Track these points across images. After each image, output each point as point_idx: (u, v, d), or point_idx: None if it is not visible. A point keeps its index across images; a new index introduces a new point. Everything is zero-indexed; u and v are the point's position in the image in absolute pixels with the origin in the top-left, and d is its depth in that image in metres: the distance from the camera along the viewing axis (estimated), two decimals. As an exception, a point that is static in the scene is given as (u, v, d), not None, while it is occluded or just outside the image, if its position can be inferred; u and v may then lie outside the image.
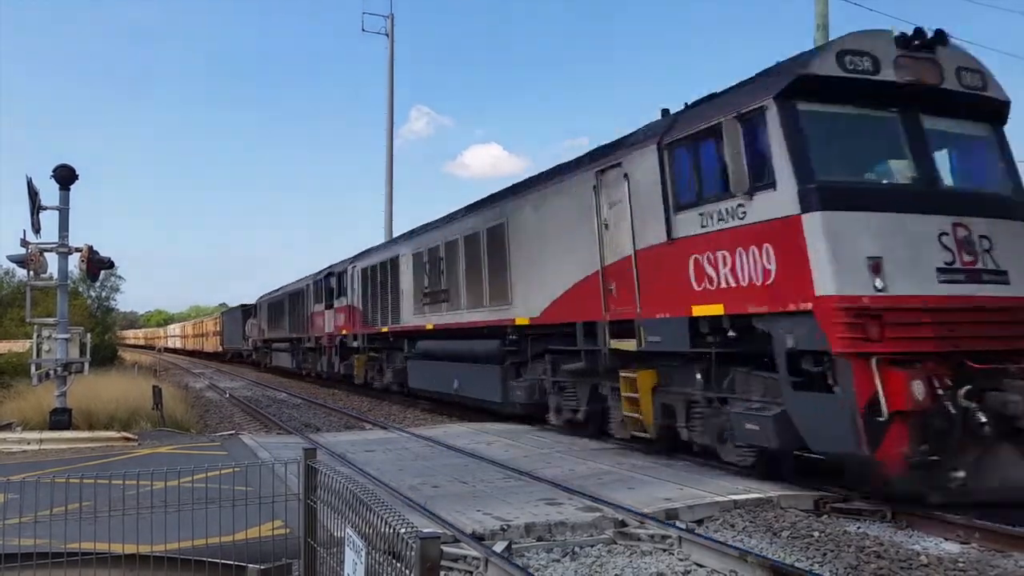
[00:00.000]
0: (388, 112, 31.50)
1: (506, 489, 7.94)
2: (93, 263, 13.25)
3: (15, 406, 14.26)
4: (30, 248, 12.43)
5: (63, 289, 13.27)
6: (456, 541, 5.98)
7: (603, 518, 6.66)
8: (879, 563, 5.68)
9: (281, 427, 15.65)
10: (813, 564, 5.76)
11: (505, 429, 13.00)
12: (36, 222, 12.57)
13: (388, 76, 31.40)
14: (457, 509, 6.97)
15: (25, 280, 14.62)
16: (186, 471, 5.35)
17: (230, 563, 4.92)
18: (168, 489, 5.07)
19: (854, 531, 6.56)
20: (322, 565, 3.91)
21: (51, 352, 12.96)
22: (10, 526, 4.62)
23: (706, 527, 6.72)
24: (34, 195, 12.47)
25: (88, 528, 4.37)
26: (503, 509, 6.98)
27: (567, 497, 7.47)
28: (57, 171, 12.73)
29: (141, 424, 13.91)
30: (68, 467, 9.14)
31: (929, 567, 5.63)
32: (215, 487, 5.34)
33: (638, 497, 7.33)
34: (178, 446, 11.55)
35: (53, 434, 11.92)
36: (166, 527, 4.51)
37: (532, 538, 6.33)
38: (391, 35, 31.48)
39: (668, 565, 5.78)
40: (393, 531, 2.72)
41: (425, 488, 8.03)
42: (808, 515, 6.99)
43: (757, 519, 6.84)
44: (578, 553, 6.08)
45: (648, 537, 6.27)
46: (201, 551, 4.98)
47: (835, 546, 6.10)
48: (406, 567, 2.63)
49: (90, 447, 11.48)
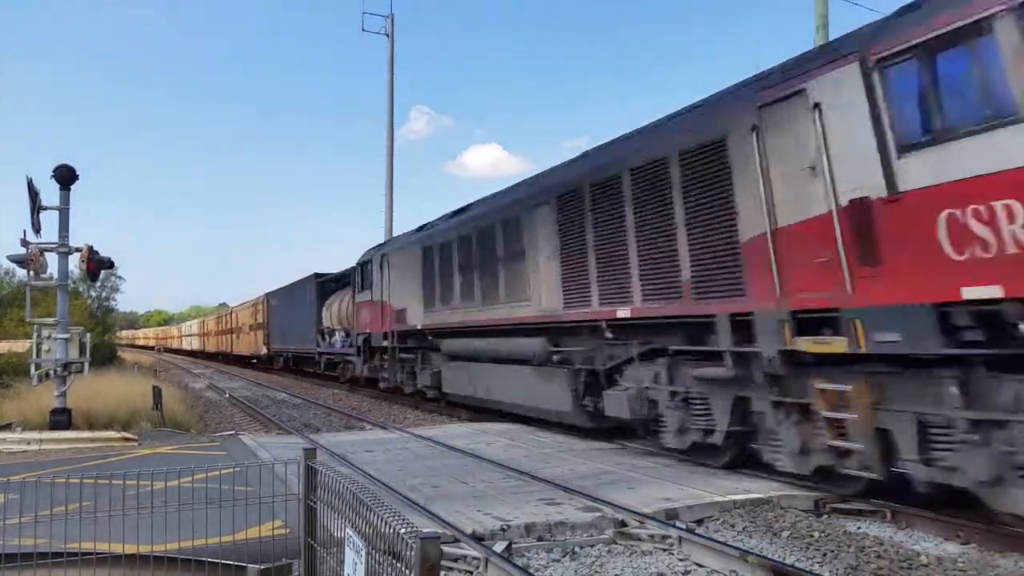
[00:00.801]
0: (388, 112, 31.49)
1: (506, 489, 7.94)
2: (93, 263, 13.26)
3: (15, 406, 14.26)
4: (30, 248, 12.44)
5: (63, 289, 13.27)
6: (456, 541, 5.98)
7: (603, 518, 6.66)
8: (879, 563, 5.68)
9: (281, 427, 15.65)
10: (813, 564, 5.76)
11: (505, 429, 13.00)
12: (36, 222, 12.58)
13: (388, 76, 31.41)
14: (457, 509, 6.97)
15: (25, 280, 14.61)
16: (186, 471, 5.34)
17: (230, 563, 4.93)
18: (168, 489, 5.07)
19: (854, 531, 6.56)
20: (322, 565, 3.91)
21: (51, 352, 12.97)
22: (10, 526, 4.61)
23: (706, 527, 6.72)
24: (34, 195, 12.48)
25: (88, 528, 4.37)
26: (503, 509, 6.98)
27: (567, 497, 7.47)
28: (57, 171, 12.74)
29: (141, 424, 13.91)
30: (68, 467, 9.14)
31: (929, 567, 5.63)
32: (215, 487, 5.34)
33: (638, 497, 7.33)
34: (178, 446, 11.55)
35: (53, 434, 11.93)
36: (166, 527, 4.51)
37: (532, 538, 6.33)
38: (391, 35, 31.49)
39: (668, 565, 5.78)
40: (393, 531, 2.72)
41: (425, 488, 8.03)
42: (808, 515, 6.99)
43: (757, 519, 6.84)
44: (578, 553, 6.08)
45: (648, 537, 6.27)
46: (201, 551, 4.98)
47: (835, 546, 6.10)
48: (406, 567, 2.63)
49: (90, 447, 11.48)
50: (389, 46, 31.45)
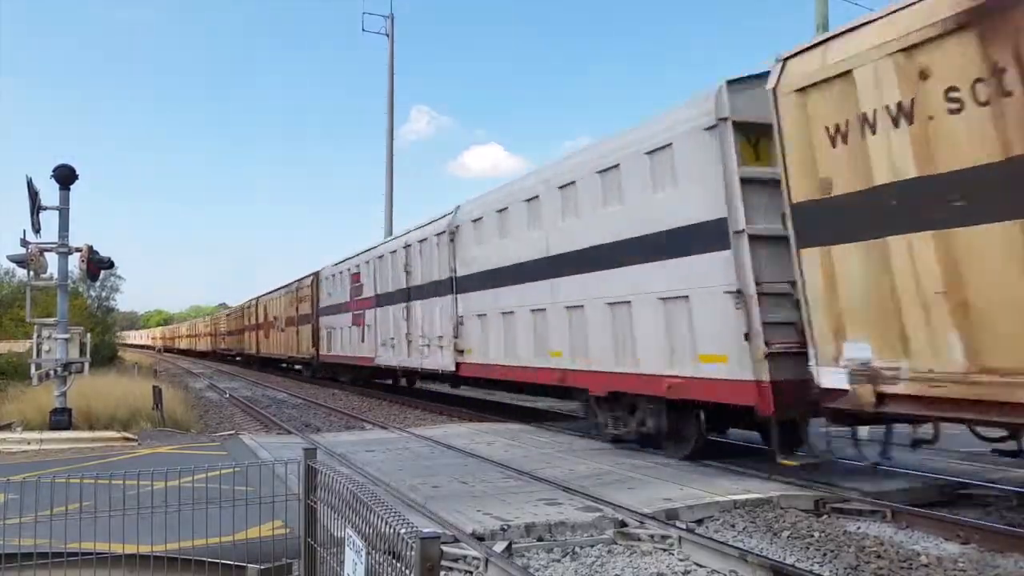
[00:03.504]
0: (388, 112, 31.57)
1: (506, 489, 7.94)
2: (93, 263, 13.26)
3: (15, 406, 14.27)
4: (30, 248, 12.44)
5: (63, 289, 13.27)
6: (456, 541, 5.98)
7: (603, 518, 6.66)
8: (879, 563, 5.68)
9: (281, 427, 15.64)
10: (813, 564, 5.76)
11: (505, 429, 13.01)
12: (36, 222, 12.57)
13: (388, 76, 31.46)
14: (457, 509, 6.97)
15: (25, 280, 14.62)
16: (186, 471, 5.34)
17: (230, 563, 4.93)
18: (168, 489, 5.07)
19: (854, 531, 6.56)
20: (322, 565, 3.91)
21: (51, 352, 12.97)
22: (10, 526, 4.61)
23: (706, 527, 6.72)
24: (34, 195, 12.47)
25: (88, 528, 4.37)
26: (503, 509, 6.98)
27: (567, 497, 7.47)
28: (57, 171, 12.74)
29: (141, 424, 13.91)
30: (68, 467, 9.14)
31: (929, 567, 5.63)
32: (215, 487, 5.35)
33: (638, 497, 7.33)
34: (178, 446, 11.55)
35: (53, 434, 11.93)
36: (166, 527, 4.50)
37: (532, 538, 6.33)
38: (391, 35, 31.56)
39: (668, 565, 5.78)
40: (393, 531, 2.72)
41: (425, 488, 8.03)
42: (808, 515, 6.99)
43: (757, 519, 6.84)
44: (578, 553, 6.08)
45: (648, 537, 6.27)
46: (201, 551, 4.98)
47: (835, 546, 6.10)
48: (406, 567, 2.62)
49: (90, 447, 11.48)
50: (389, 46, 31.53)
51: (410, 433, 12.84)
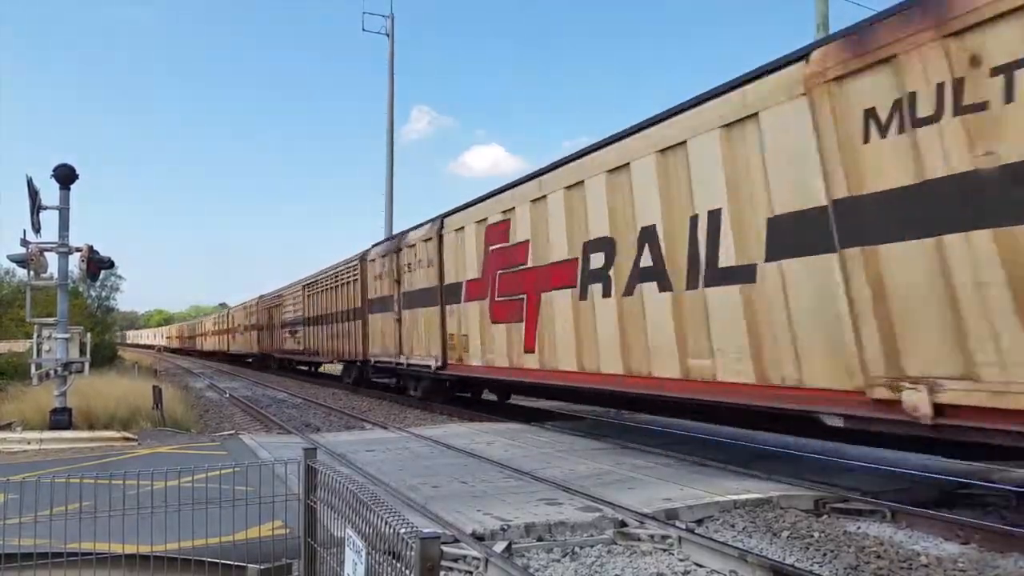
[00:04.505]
0: (388, 112, 31.52)
1: (506, 489, 7.94)
2: (93, 263, 13.25)
3: (15, 406, 14.26)
4: (30, 248, 12.43)
5: (63, 289, 13.26)
6: (456, 541, 5.98)
7: (603, 518, 6.66)
8: (879, 563, 5.68)
9: (281, 427, 15.63)
10: (813, 564, 5.76)
11: (505, 429, 13.00)
12: (36, 222, 12.56)
13: (389, 76, 31.44)
14: (457, 509, 6.97)
15: (25, 280, 14.62)
16: (186, 471, 5.34)
17: (230, 563, 4.93)
18: (168, 489, 5.07)
19: (854, 531, 6.56)
20: (322, 565, 3.91)
21: (51, 352, 12.96)
22: (10, 526, 4.61)
23: (706, 527, 6.72)
24: (34, 195, 12.47)
25: (88, 528, 4.37)
26: (503, 509, 6.98)
27: (567, 497, 7.47)
28: (57, 170, 12.73)
29: (141, 424, 13.90)
30: (68, 467, 9.14)
31: (929, 567, 5.63)
32: (215, 487, 5.35)
33: (638, 497, 7.33)
34: (178, 446, 11.55)
35: (53, 434, 11.92)
36: (166, 527, 4.50)
37: (532, 538, 6.33)
38: (391, 35, 31.53)
39: (668, 565, 5.78)
40: (393, 531, 2.72)
41: (425, 488, 8.03)
42: (808, 515, 6.99)
43: (757, 519, 6.84)
44: (578, 553, 6.08)
45: (648, 537, 6.27)
46: (201, 551, 4.98)
47: (835, 546, 6.10)
48: (406, 567, 2.62)
49: (90, 447, 11.47)
50: (389, 46, 31.51)
51: (410, 433, 12.84)
